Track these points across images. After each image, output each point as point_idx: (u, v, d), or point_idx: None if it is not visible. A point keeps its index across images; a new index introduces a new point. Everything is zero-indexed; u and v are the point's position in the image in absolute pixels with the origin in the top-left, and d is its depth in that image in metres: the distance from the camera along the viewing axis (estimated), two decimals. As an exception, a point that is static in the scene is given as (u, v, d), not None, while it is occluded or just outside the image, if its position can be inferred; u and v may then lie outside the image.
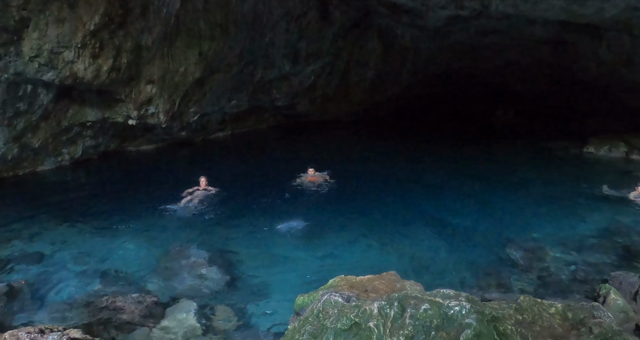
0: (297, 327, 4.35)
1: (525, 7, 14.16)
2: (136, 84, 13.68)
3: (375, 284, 5.06)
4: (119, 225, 9.53)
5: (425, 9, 16.38)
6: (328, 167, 13.49)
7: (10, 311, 6.10)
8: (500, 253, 8.12)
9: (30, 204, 10.84)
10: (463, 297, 4.13)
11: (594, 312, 4.28)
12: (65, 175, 13.57)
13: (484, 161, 16.06)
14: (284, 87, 20.11)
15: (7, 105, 11.38)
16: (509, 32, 17.78)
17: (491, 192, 11.93)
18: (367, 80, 23.25)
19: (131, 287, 6.88)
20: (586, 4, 13.32)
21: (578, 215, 10.15)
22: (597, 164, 15.37)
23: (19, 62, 10.93)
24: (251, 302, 6.60)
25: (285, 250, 8.35)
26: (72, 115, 13.29)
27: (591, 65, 19.00)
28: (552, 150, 17.42)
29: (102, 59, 12.11)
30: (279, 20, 17.01)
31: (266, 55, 17.88)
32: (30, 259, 7.82)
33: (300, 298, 5.24)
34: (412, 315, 3.94)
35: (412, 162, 16.13)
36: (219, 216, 10.20)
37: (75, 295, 6.61)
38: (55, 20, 10.92)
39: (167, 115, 14.99)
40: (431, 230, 9.24)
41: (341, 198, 11.56)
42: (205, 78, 15.74)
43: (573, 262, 7.62)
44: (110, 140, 15.43)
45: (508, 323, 3.91)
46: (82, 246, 8.40)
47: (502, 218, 9.99)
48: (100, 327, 5.71)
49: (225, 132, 20.29)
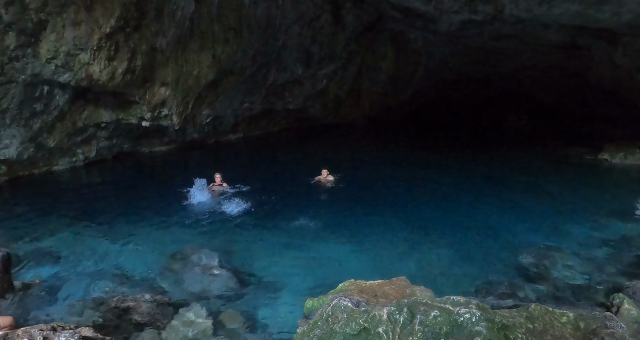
0: (306, 330, 4.35)
1: (539, 11, 14.05)
2: (150, 86, 13.84)
3: (385, 289, 5.04)
4: (132, 225, 9.64)
5: (438, 14, 16.34)
6: (340, 170, 13.50)
7: (25, 309, 6.20)
8: (512, 260, 8.02)
9: (45, 203, 11.01)
10: (473, 305, 4.10)
11: (607, 322, 4.22)
12: (79, 175, 13.76)
13: (496, 167, 15.92)
14: (296, 90, 20.20)
15: (24, 105, 11.59)
16: (523, 37, 17.65)
17: (504, 199, 11.82)
18: (379, 84, 23.27)
19: (142, 287, 6.94)
20: (602, 9, 13.18)
21: (592, 223, 9.99)
22: (612, 171, 15.16)
23: (36, 63, 11.13)
24: (260, 304, 6.61)
25: (295, 253, 8.35)
26: (87, 116, 13.49)
27: (606, 71, 18.78)
28: (565, 156, 17.22)
29: (117, 61, 12.28)
30: (292, 24, 17.09)
31: (279, 58, 17.98)
32: (44, 258, 7.93)
33: (310, 302, 5.24)
34: (422, 321, 3.92)
35: (424, 166, 16.06)
36: (230, 217, 10.25)
37: (87, 295, 6.69)
38: (72, 23, 11.10)
39: (180, 117, 15.13)
40: (442, 236, 9.17)
41: (353, 201, 11.54)
42: (219, 81, 15.86)
43: (586, 271, 7.50)
44: (123, 141, 15.63)
45: (518, 331, 3.87)
46: (94, 246, 8.51)
47: (514, 224, 9.88)
48: (111, 326, 5.77)
49: (238, 135, 20.42)
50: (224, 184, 11.85)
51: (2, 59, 10.57)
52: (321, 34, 18.47)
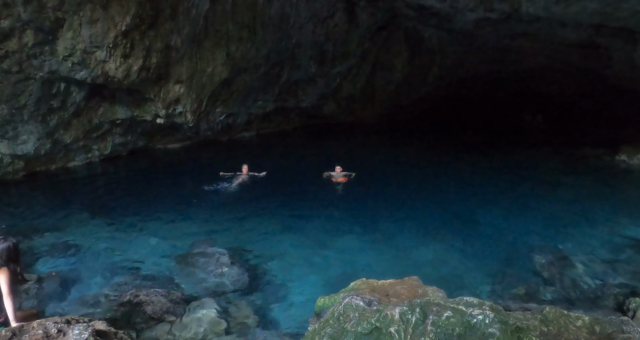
0: (317, 329, 4.35)
1: (556, 9, 13.83)
2: (165, 83, 13.96)
3: (397, 288, 5.01)
4: (146, 220, 9.75)
5: (453, 12, 16.18)
6: (353, 168, 13.47)
7: (40, 301, 6.31)
8: (526, 262, 7.92)
9: (61, 199, 11.19)
10: (487, 306, 4.05)
11: (623, 327, 4.13)
12: (95, 171, 13.95)
13: (511, 166, 15.73)
14: (309, 88, 20.20)
15: (42, 102, 11.77)
16: (539, 36, 17.39)
17: (518, 199, 11.68)
18: (393, 82, 23.14)
19: (155, 281, 7.01)
20: (621, 7, 12.93)
21: (608, 225, 9.80)
22: (630, 173, 14.86)
23: (53, 61, 11.29)
24: (272, 301, 6.64)
25: (307, 251, 8.36)
26: (103, 113, 13.66)
27: (624, 70, 18.41)
28: (582, 157, 16.93)
29: (132, 58, 12.40)
30: (305, 22, 17.08)
31: (293, 56, 17.99)
32: (60, 252, 8.06)
33: (321, 300, 5.23)
34: (434, 322, 3.89)
35: (438, 165, 15.94)
36: (243, 213, 10.32)
37: (101, 288, 6.78)
38: (88, 21, 11.23)
39: (194, 114, 15.24)
40: (455, 236, 9.09)
41: (365, 200, 11.52)
42: (232, 79, 15.93)
43: (602, 274, 7.38)
44: (138, 138, 15.79)
45: (532, 334, 3.82)
46: (109, 240, 8.62)
47: (530, 225, 9.75)
48: (124, 320, 5.84)
49: (251, 132, 20.49)
50: (250, 174, 13.14)
51: (20, 57, 10.74)
52: (335, 32, 18.43)
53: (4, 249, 4.60)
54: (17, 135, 11.88)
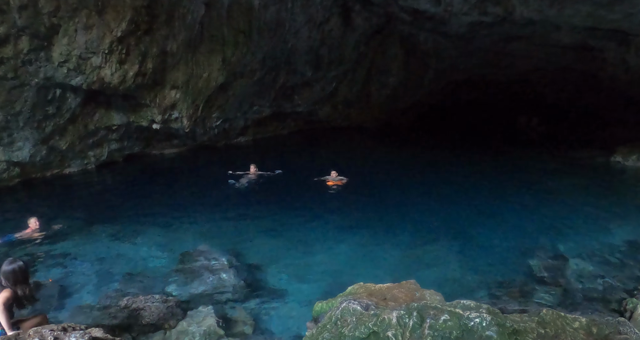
0: (315, 334, 4.35)
1: (550, 12, 13.93)
2: (161, 89, 13.95)
3: (394, 292, 5.01)
4: (142, 226, 9.72)
5: (448, 15, 16.26)
6: (349, 173, 13.49)
7: (37, 309, 6.27)
8: (523, 264, 7.94)
9: (57, 205, 11.15)
10: (484, 309, 4.06)
11: (620, 328, 4.15)
12: (91, 177, 13.90)
13: (507, 169, 15.79)
14: (305, 93, 20.21)
15: (37, 108, 11.75)
16: (534, 38, 17.51)
17: (514, 201, 11.70)
18: (389, 86, 23.18)
19: (152, 288, 6.99)
20: (614, 9, 13.03)
21: (604, 226, 9.85)
22: (625, 174, 14.94)
23: (48, 67, 11.28)
24: (269, 307, 6.63)
25: (305, 255, 8.35)
26: (99, 119, 13.63)
27: (618, 72, 18.55)
28: (578, 158, 17.00)
29: (128, 64, 12.39)
30: (301, 27, 17.12)
31: (288, 61, 18.02)
32: (56, 258, 8.04)
33: (319, 304, 5.22)
34: (432, 325, 3.89)
35: (434, 169, 15.97)
36: (241, 218, 10.33)
37: (97, 295, 6.76)
38: (83, 27, 11.23)
39: (191, 120, 15.23)
40: (452, 239, 9.11)
41: (361, 204, 11.51)
42: (228, 84, 15.94)
43: (599, 275, 7.39)
44: (134, 144, 15.76)
45: (530, 337, 3.83)
46: (106, 247, 8.59)
47: (526, 228, 9.78)
48: (121, 327, 5.81)
49: (247, 137, 20.48)
50: (258, 173, 13.86)
51: (15, 63, 10.73)
52: (330, 37, 18.47)
53: (9, 271, 4.58)
54: (12, 142, 11.85)
